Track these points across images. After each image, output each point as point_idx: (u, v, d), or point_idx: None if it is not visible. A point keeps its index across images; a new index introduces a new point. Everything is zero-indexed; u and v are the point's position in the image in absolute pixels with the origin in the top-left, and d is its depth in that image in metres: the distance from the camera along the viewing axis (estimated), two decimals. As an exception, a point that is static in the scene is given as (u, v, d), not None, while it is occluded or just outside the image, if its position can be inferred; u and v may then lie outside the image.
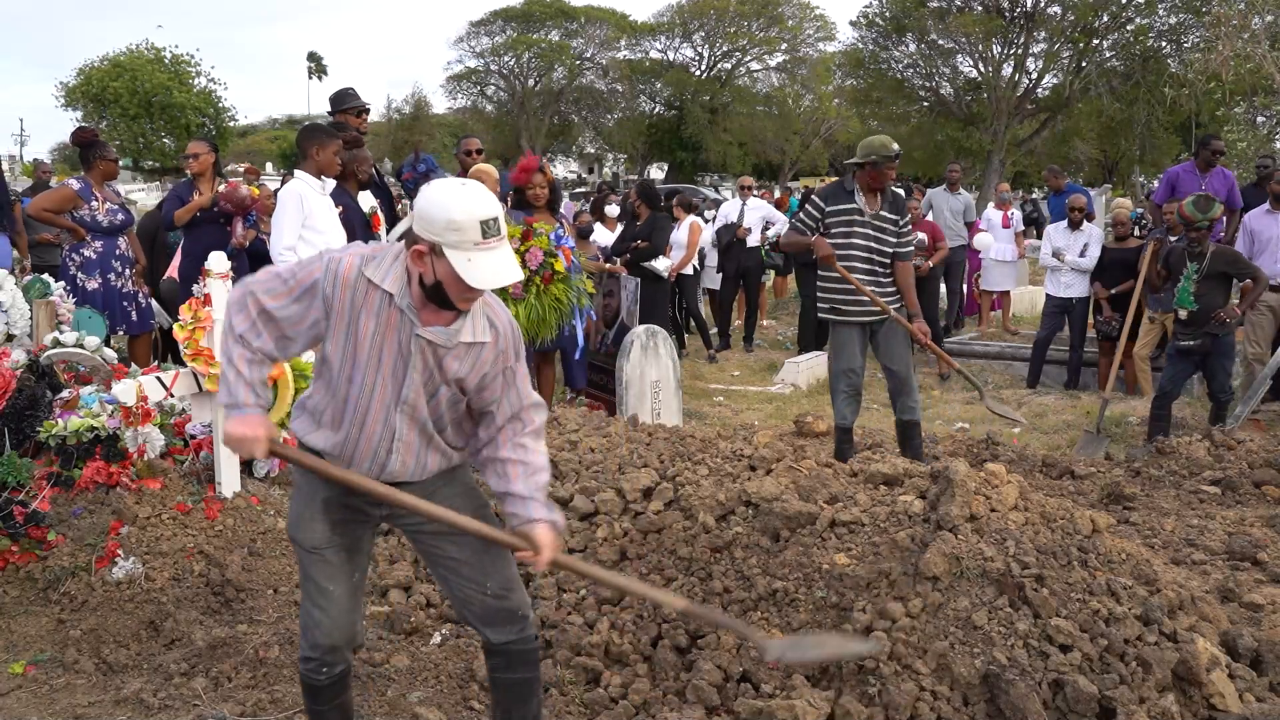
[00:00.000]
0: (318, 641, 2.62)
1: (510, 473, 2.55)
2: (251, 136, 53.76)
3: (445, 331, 2.44)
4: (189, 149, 6.78)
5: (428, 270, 2.36)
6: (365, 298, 2.41)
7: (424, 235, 2.34)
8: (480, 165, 6.47)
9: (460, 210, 2.30)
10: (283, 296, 2.45)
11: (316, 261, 2.47)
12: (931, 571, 3.29)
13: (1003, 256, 11.00)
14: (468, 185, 2.36)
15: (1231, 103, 15.82)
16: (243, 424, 2.44)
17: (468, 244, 2.30)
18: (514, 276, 2.36)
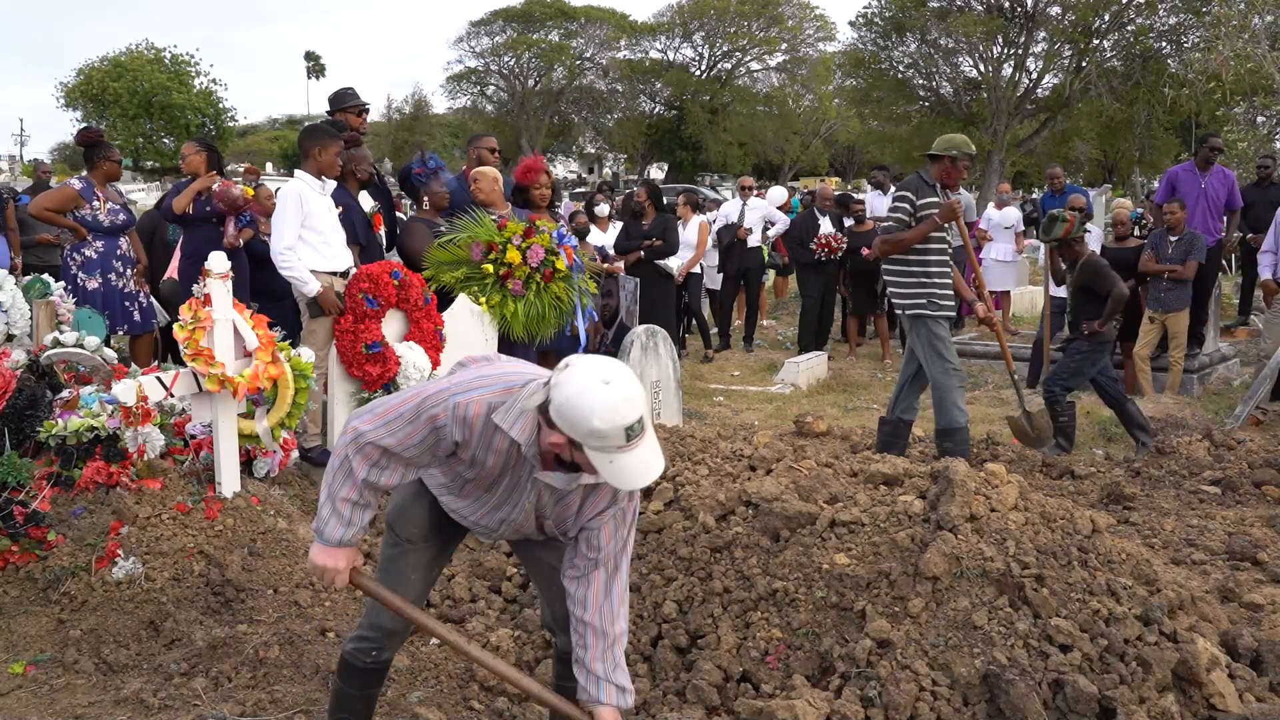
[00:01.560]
0: (382, 624, 2.68)
1: (590, 643, 2.53)
2: (251, 136, 53.76)
3: (565, 478, 2.40)
4: (182, 150, 6.80)
5: (565, 451, 2.29)
6: (494, 440, 2.37)
7: (564, 430, 2.24)
8: (482, 167, 6.47)
9: (604, 420, 2.17)
10: (404, 438, 2.38)
11: (438, 403, 2.36)
12: (931, 571, 3.29)
13: (1003, 256, 10.99)
14: (612, 385, 2.20)
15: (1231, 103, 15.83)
16: (328, 555, 2.49)
17: (610, 449, 2.21)
18: (658, 471, 2.27)
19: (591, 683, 2.53)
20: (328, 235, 5.19)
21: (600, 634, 2.53)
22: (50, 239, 9.38)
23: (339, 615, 3.88)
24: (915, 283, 5.46)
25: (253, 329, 4.41)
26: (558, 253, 5.99)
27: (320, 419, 5.16)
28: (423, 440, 2.38)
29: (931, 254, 5.43)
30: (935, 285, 5.43)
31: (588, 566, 2.53)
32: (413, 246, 6.14)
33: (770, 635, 3.39)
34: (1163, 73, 24.84)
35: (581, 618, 2.53)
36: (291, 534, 4.29)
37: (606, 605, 2.53)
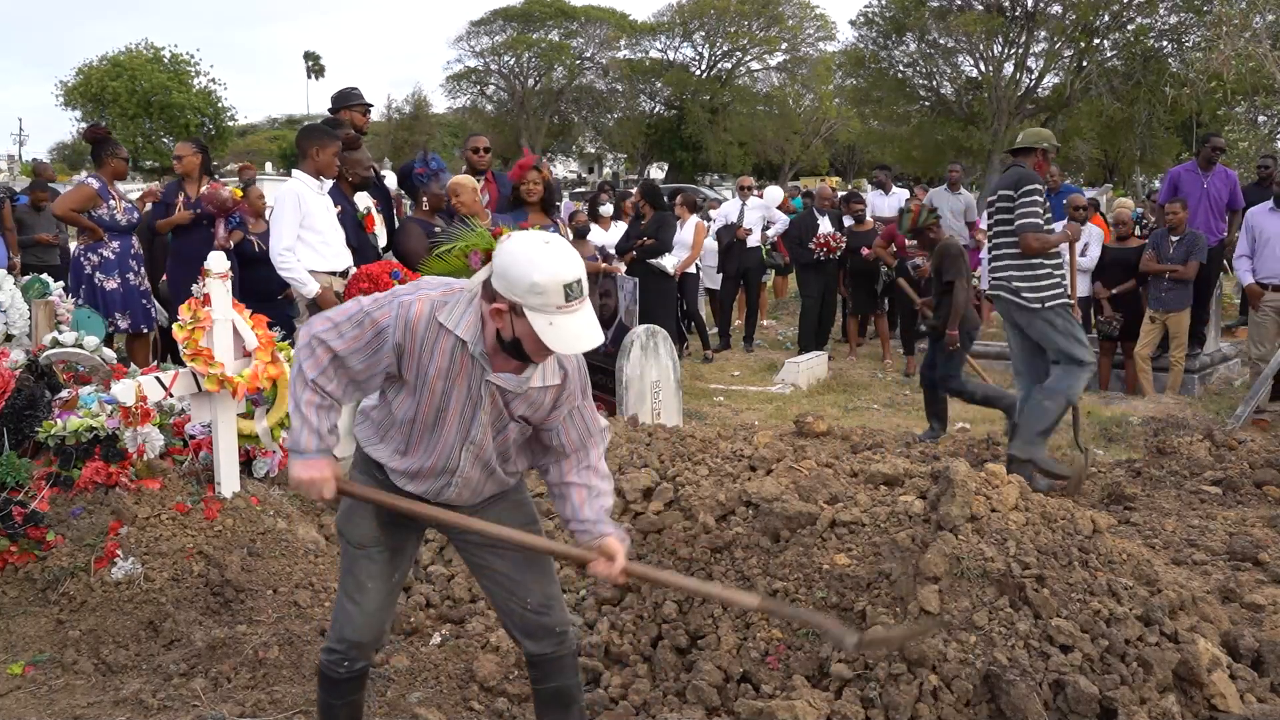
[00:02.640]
0: (346, 636, 2.65)
1: (575, 498, 2.58)
2: (251, 136, 53.75)
3: (516, 379, 2.41)
4: (175, 150, 6.79)
5: (506, 327, 2.31)
6: (436, 341, 2.38)
7: (504, 294, 2.27)
8: (459, 178, 6.46)
9: (544, 273, 2.22)
10: (352, 341, 2.41)
11: (386, 305, 2.40)
12: (932, 572, 3.28)
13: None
14: (551, 244, 2.28)
15: (1233, 102, 15.83)
16: (308, 467, 2.48)
17: (550, 307, 2.24)
18: (596, 340, 2.30)
19: (589, 526, 2.57)
20: (326, 235, 5.19)
21: (585, 487, 2.58)
22: (49, 239, 9.38)
23: (338, 615, 3.87)
24: (1046, 274, 5.40)
25: (252, 329, 4.41)
26: None
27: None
28: (367, 345, 2.39)
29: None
30: (1061, 274, 5.49)
31: (560, 461, 2.59)
32: (408, 247, 6.13)
33: (770, 635, 3.39)
34: (1164, 72, 24.84)
35: (561, 481, 2.59)
36: (291, 534, 4.28)
37: (585, 473, 2.58)
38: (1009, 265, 5.44)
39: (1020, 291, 5.39)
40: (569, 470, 2.59)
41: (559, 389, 2.48)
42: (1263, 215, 7.43)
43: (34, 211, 9.56)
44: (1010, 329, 5.67)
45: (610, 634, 3.56)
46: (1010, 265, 5.43)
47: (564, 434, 2.55)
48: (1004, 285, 5.46)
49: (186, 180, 6.66)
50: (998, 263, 5.51)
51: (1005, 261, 5.46)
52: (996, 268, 5.54)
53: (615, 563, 2.54)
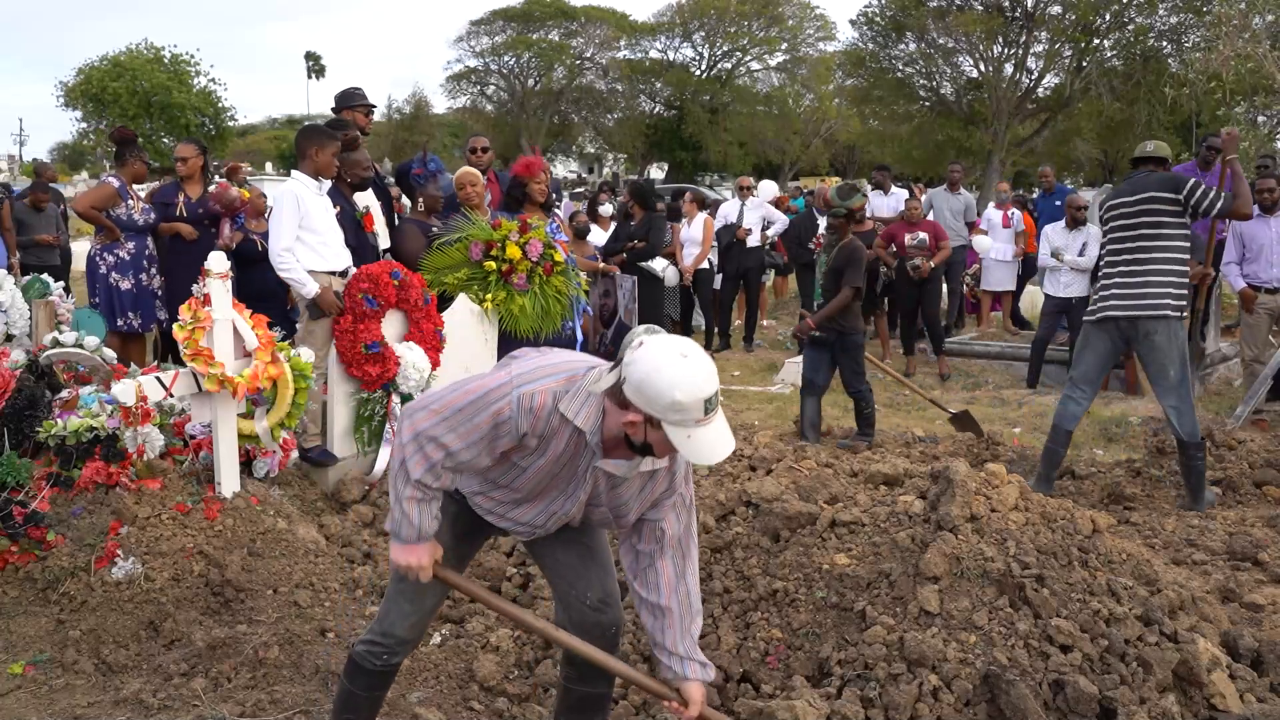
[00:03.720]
0: (394, 632, 2.67)
1: (668, 623, 2.57)
2: (251, 136, 53.75)
3: (627, 464, 2.41)
4: (178, 152, 6.79)
5: (638, 433, 2.29)
6: (557, 430, 2.36)
7: (640, 406, 2.24)
8: (462, 169, 6.48)
9: (685, 393, 2.19)
10: (465, 434, 2.34)
11: (502, 395, 2.33)
12: (932, 572, 3.28)
13: (1003, 256, 10.99)
14: (689, 359, 2.23)
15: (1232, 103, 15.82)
16: (407, 554, 2.49)
17: (689, 422, 2.22)
18: (730, 448, 2.28)
19: (675, 662, 2.58)
20: (326, 235, 5.18)
21: (679, 617, 2.56)
22: (50, 240, 9.38)
23: (339, 615, 3.87)
24: (1183, 282, 5.29)
25: (252, 329, 4.41)
26: (554, 246, 6.00)
27: (320, 419, 5.15)
28: (483, 437, 2.34)
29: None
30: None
31: (655, 554, 2.56)
32: (407, 248, 6.14)
33: (770, 635, 3.39)
34: (1163, 72, 24.82)
35: (657, 603, 2.56)
36: (291, 534, 4.29)
37: (681, 587, 2.57)
38: (1168, 272, 5.20)
39: (1169, 298, 5.20)
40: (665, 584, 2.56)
41: (665, 472, 2.48)
42: (1250, 222, 7.41)
43: (34, 211, 9.55)
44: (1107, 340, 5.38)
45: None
46: (1169, 272, 5.20)
47: (666, 522, 2.54)
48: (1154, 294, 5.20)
49: (187, 181, 6.66)
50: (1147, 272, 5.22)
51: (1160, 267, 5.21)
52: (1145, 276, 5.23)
53: (690, 711, 2.56)
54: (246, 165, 15.22)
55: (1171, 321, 5.21)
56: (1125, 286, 5.28)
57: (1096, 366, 5.50)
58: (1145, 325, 5.22)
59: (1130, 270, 5.28)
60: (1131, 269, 5.28)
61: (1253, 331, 7.35)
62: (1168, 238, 5.24)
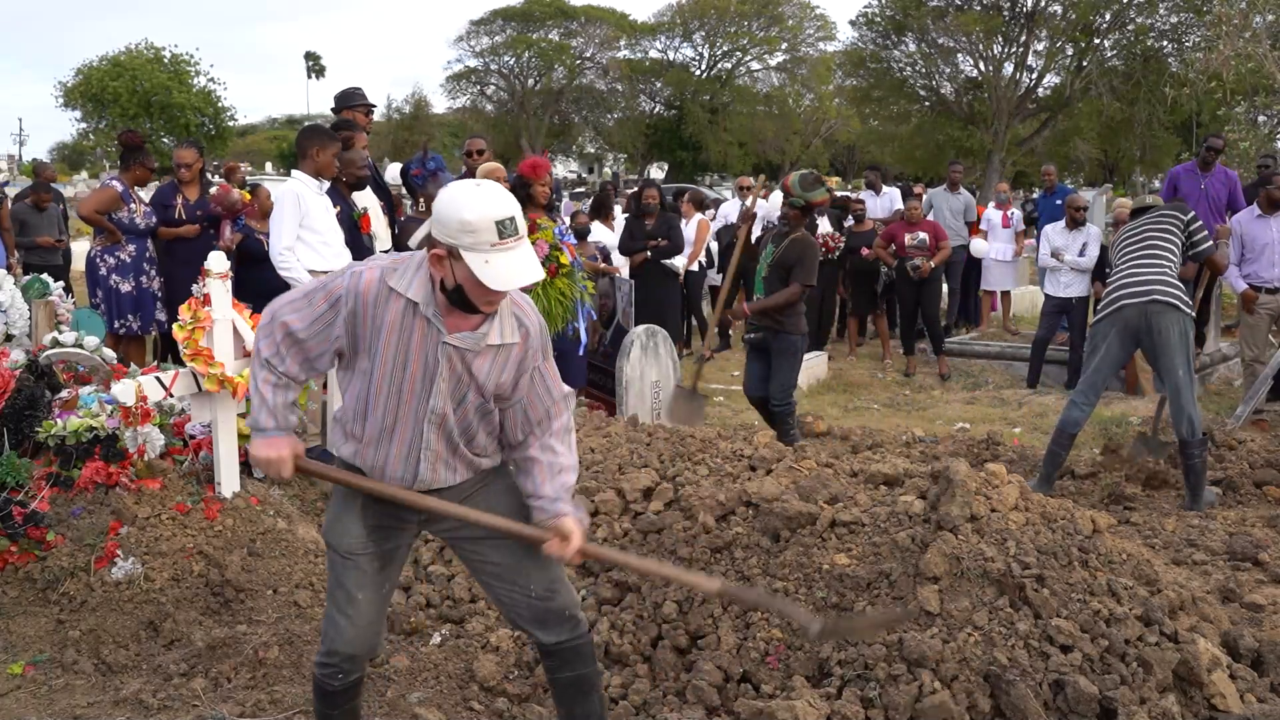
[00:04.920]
0: (337, 649, 2.61)
1: (537, 474, 2.56)
2: (251, 136, 53.77)
3: (472, 336, 2.40)
4: (180, 158, 6.79)
5: (447, 274, 2.31)
6: (389, 308, 2.38)
7: (441, 239, 2.29)
8: (487, 164, 6.48)
9: (474, 211, 2.25)
10: (306, 315, 2.44)
11: (339, 277, 2.44)
12: (932, 572, 3.28)
13: (1003, 256, 11.00)
14: (482, 185, 2.32)
15: (1232, 102, 15.81)
16: (267, 446, 2.50)
17: (484, 245, 2.25)
18: (534, 276, 2.30)
19: (545, 504, 2.55)
20: (326, 235, 5.19)
21: (547, 464, 2.56)
22: (51, 242, 9.38)
23: (338, 615, 3.87)
24: (1183, 285, 5.51)
25: (252, 329, 4.41)
26: (561, 248, 6.00)
27: (320, 419, 5.15)
28: (320, 317, 2.43)
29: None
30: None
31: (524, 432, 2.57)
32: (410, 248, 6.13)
33: (770, 635, 3.39)
34: (1164, 72, 24.83)
35: (524, 455, 2.59)
36: (291, 534, 4.28)
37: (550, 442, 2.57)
38: (1174, 272, 5.46)
39: (1184, 294, 5.40)
40: (532, 443, 2.56)
41: (521, 347, 2.47)
42: (1250, 222, 7.40)
43: (36, 211, 9.56)
44: (1118, 339, 5.44)
45: (610, 634, 3.56)
46: (1174, 272, 5.45)
47: (528, 404, 2.53)
48: (1165, 286, 5.34)
49: (185, 184, 6.67)
50: (1156, 269, 5.41)
51: (1167, 265, 5.45)
52: (1154, 272, 5.40)
53: (570, 543, 2.52)
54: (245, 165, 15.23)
55: (1184, 315, 5.33)
56: (1136, 281, 5.42)
57: (1105, 370, 5.56)
58: (1158, 320, 5.31)
59: (1140, 266, 5.47)
60: (1141, 264, 5.48)
61: (1253, 332, 7.34)
62: (1174, 245, 5.54)
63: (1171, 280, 5.40)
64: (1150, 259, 5.47)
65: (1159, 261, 5.44)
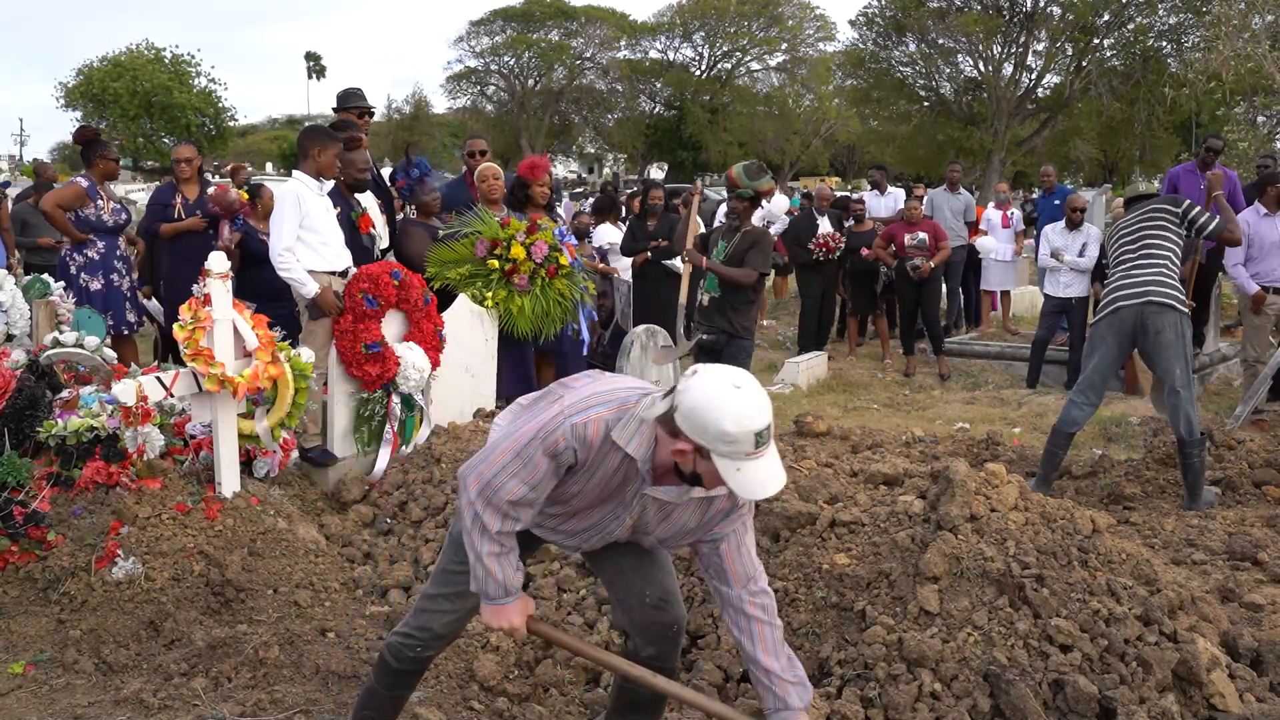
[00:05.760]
0: (431, 627, 2.68)
1: (758, 635, 2.51)
2: (251, 136, 53.76)
3: (676, 491, 2.38)
4: (179, 154, 6.77)
5: (688, 462, 2.25)
6: (609, 457, 2.35)
7: (691, 436, 2.20)
8: (484, 164, 6.48)
9: (735, 424, 2.15)
10: (530, 477, 2.35)
11: (555, 428, 2.32)
12: (932, 572, 3.28)
13: (1003, 256, 11.00)
14: (743, 390, 2.20)
15: (1232, 102, 15.83)
16: (499, 615, 2.48)
17: (739, 455, 2.18)
18: (781, 484, 2.23)
19: (777, 686, 2.49)
20: (326, 235, 5.19)
21: (769, 626, 2.51)
22: (51, 243, 9.39)
23: (339, 615, 3.88)
24: (1181, 284, 5.50)
25: (252, 329, 4.41)
26: (561, 249, 6.00)
27: (320, 419, 5.15)
28: (545, 474, 2.35)
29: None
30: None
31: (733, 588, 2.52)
32: (411, 250, 6.14)
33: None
34: (1163, 72, 24.85)
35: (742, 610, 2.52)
36: (291, 534, 4.29)
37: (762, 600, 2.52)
38: (1172, 271, 5.43)
39: (1181, 294, 5.39)
40: (747, 600, 2.51)
41: (726, 497, 2.42)
42: (1256, 222, 7.39)
43: (37, 212, 9.56)
44: (1115, 338, 5.44)
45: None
46: (1172, 271, 5.44)
47: (726, 560, 2.49)
48: (1162, 287, 5.34)
49: (184, 182, 6.66)
50: (1154, 268, 5.39)
51: (1165, 264, 5.42)
52: (1152, 272, 5.38)
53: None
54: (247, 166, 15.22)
55: (1180, 315, 5.33)
56: (1132, 282, 5.41)
57: (1104, 370, 5.55)
58: (1155, 320, 5.31)
59: (1137, 265, 5.45)
60: (1138, 264, 5.45)
61: (1257, 332, 7.34)
62: (1171, 242, 5.48)
63: (1168, 280, 5.39)
64: (1146, 259, 5.45)
65: (1155, 261, 5.43)
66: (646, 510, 2.44)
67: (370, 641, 3.63)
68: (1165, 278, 5.39)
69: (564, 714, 3.27)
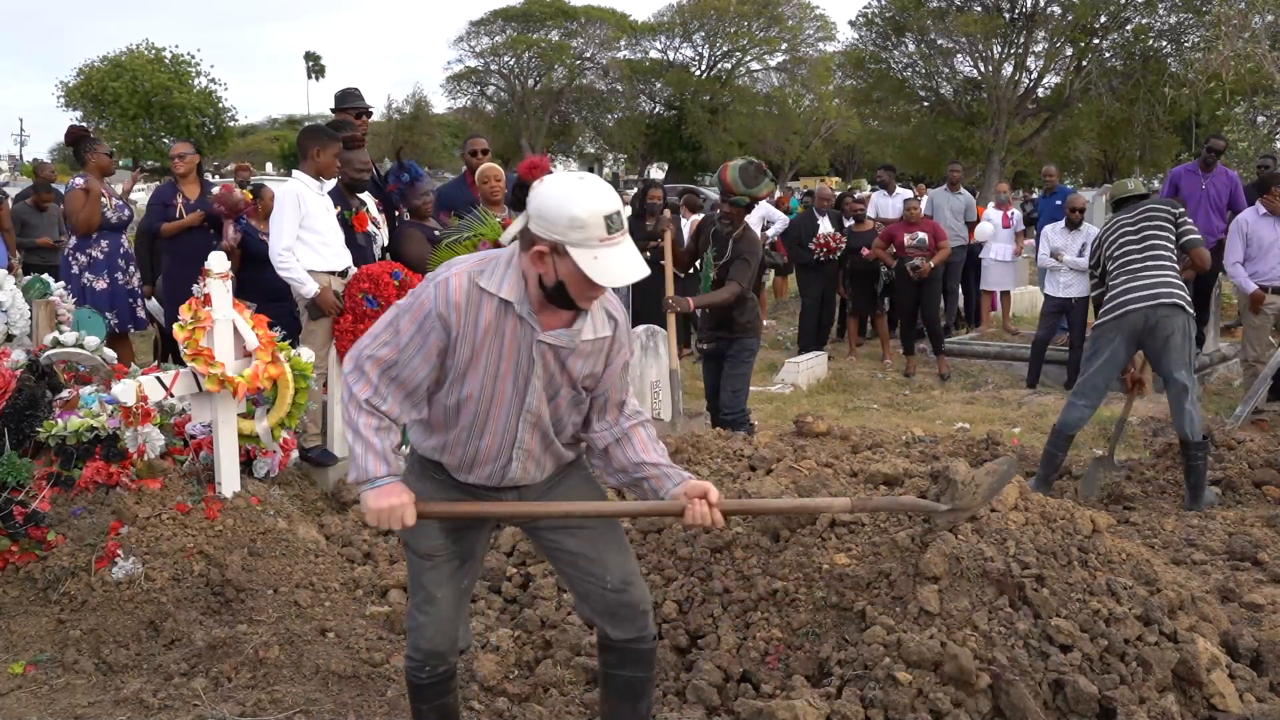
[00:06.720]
0: (421, 646, 2.62)
1: (636, 442, 2.52)
2: (251, 136, 53.76)
3: (566, 333, 2.35)
4: (175, 150, 6.76)
5: (548, 271, 2.24)
6: (482, 309, 2.31)
7: (543, 235, 2.21)
8: (486, 164, 6.48)
9: (583, 206, 2.18)
10: (395, 344, 2.33)
11: (424, 291, 2.33)
12: (931, 572, 3.28)
13: (1003, 256, 11.00)
14: (586, 179, 2.25)
15: (1232, 102, 15.82)
16: (381, 496, 2.39)
17: (592, 241, 2.18)
18: (643, 271, 2.24)
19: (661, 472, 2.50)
20: (326, 235, 5.19)
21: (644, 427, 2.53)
22: (51, 243, 9.38)
23: (339, 615, 3.87)
24: (1184, 284, 5.50)
25: (253, 329, 4.41)
26: None
27: (320, 419, 5.16)
28: (411, 340, 2.32)
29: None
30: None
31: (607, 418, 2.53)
32: (409, 252, 6.13)
33: (770, 635, 3.39)
34: (1163, 72, 24.85)
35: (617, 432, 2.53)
36: (291, 534, 4.29)
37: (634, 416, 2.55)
38: (1175, 271, 5.44)
39: (1186, 295, 5.40)
40: (618, 418, 2.52)
41: (611, 340, 2.43)
42: (1256, 221, 7.39)
43: (37, 212, 9.56)
44: (1121, 342, 5.42)
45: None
46: (1176, 272, 5.44)
47: (609, 388, 2.50)
48: (1169, 288, 5.34)
49: (183, 181, 6.65)
50: (1159, 269, 5.39)
51: (1168, 264, 5.43)
52: (1158, 273, 5.38)
53: (712, 499, 2.45)
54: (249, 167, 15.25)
55: (1187, 317, 5.33)
56: (1142, 284, 5.38)
57: (1108, 372, 5.54)
58: (1167, 323, 5.29)
59: (1143, 268, 5.43)
60: (1145, 265, 5.43)
61: (1257, 332, 7.34)
62: (1172, 244, 5.50)
63: (1175, 280, 5.38)
64: (1154, 260, 5.42)
65: (1161, 262, 5.42)
66: (547, 365, 2.37)
67: (370, 641, 3.63)
68: (1174, 278, 5.38)
69: (564, 714, 3.27)
